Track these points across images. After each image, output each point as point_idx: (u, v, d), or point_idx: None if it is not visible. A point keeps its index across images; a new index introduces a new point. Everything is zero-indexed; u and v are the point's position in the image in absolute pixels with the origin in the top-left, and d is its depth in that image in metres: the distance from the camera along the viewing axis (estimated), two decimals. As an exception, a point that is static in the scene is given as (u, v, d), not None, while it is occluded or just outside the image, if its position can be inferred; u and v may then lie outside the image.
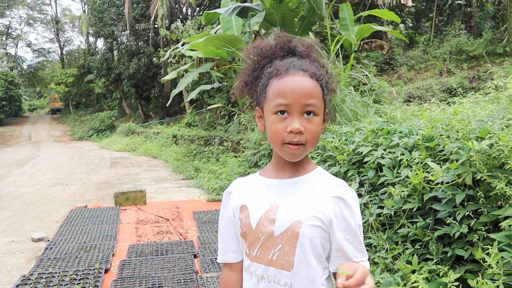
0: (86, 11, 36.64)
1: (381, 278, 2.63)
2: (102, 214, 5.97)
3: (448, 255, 2.50)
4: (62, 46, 46.96)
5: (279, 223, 1.09)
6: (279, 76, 1.08)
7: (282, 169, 1.15)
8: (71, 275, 3.71)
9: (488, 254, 2.17)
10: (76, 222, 5.62)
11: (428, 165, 2.73)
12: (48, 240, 4.95)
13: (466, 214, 2.41)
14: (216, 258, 3.96)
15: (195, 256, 4.20)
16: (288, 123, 1.05)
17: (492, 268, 2.10)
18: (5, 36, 45.12)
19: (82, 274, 3.73)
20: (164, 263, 3.99)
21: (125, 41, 27.05)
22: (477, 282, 2.18)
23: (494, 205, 2.41)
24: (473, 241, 2.38)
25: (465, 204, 2.50)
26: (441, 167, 2.63)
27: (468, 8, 17.34)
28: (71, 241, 4.78)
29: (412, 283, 2.43)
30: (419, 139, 3.05)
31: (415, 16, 18.67)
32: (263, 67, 1.14)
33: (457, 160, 2.55)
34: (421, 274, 2.48)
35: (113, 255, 4.30)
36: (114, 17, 27.23)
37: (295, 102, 1.05)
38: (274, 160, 1.18)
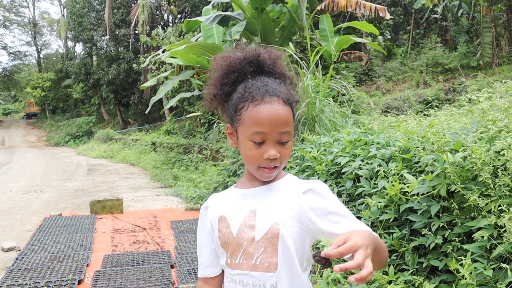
0: (65, 15, 36.16)
1: (358, 289, 2.64)
2: (77, 223, 5.83)
3: (424, 265, 2.53)
4: (39, 50, 46.09)
5: (259, 227, 1.13)
6: (254, 102, 1.11)
7: (256, 179, 1.20)
8: (42, 286, 3.60)
9: (461, 265, 2.20)
10: (49, 231, 5.47)
11: (404, 176, 2.77)
12: (19, 250, 4.79)
13: (440, 225, 2.45)
14: (193, 269, 3.92)
15: (172, 267, 4.13)
16: (264, 150, 1.10)
17: (465, 278, 2.13)
18: (-21, 38, 44.07)
19: (54, 286, 3.62)
20: (140, 273, 3.91)
21: (105, 46, 26.78)
22: (451, 293, 2.21)
23: (468, 217, 2.46)
24: (448, 251, 2.42)
25: (440, 215, 2.55)
26: (416, 178, 2.67)
27: (444, 22, 17.85)
28: (43, 251, 4.64)
29: (388, 294, 2.44)
30: (395, 151, 3.09)
31: (393, 29, 19.11)
32: (234, 82, 1.16)
33: (432, 172, 2.60)
34: (397, 284, 2.50)
35: (87, 265, 4.19)
36: (94, 22, 26.93)
37: (272, 131, 1.09)
38: (248, 173, 1.23)
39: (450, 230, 2.43)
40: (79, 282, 3.76)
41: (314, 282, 3.14)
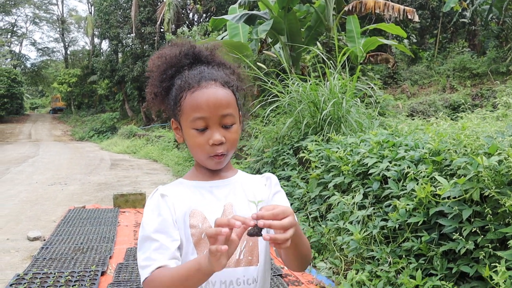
0: (93, 12, 36.90)
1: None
2: (100, 216, 5.92)
3: (453, 271, 2.46)
4: (66, 46, 47.14)
5: None
6: (191, 89, 1.08)
7: (214, 172, 1.15)
8: (66, 276, 3.65)
9: (495, 272, 2.13)
10: (73, 222, 5.56)
11: (435, 179, 2.70)
12: (44, 240, 4.89)
13: (472, 230, 2.38)
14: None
15: (193, 262, 4.13)
16: (209, 135, 1.07)
17: (499, 286, 2.06)
18: (10, 34, 45.33)
19: (78, 276, 3.67)
20: (162, 267, 3.92)
21: (130, 44, 27.18)
22: (483, 300, 2.14)
23: (502, 222, 2.38)
24: (479, 258, 2.34)
25: (472, 220, 2.47)
26: (448, 181, 2.59)
27: (473, 27, 17.44)
28: (67, 242, 4.72)
29: (416, 298, 2.38)
30: (425, 153, 3.02)
31: (419, 32, 18.78)
32: (172, 77, 1.13)
33: (464, 175, 2.52)
34: (424, 289, 2.43)
35: (110, 257, 4.23)
36: (120, 20, 27.37)
37: (212, 114, 1.06)
38: (201, 167, 1.16)
39: (482, 236, 2.35)
40: (102, 273, 3.80)
41: (338, 283, 3.09)
